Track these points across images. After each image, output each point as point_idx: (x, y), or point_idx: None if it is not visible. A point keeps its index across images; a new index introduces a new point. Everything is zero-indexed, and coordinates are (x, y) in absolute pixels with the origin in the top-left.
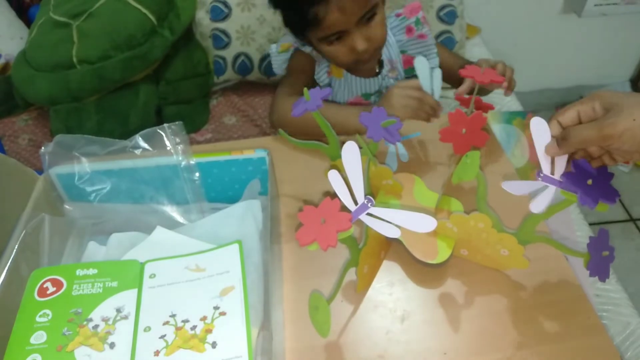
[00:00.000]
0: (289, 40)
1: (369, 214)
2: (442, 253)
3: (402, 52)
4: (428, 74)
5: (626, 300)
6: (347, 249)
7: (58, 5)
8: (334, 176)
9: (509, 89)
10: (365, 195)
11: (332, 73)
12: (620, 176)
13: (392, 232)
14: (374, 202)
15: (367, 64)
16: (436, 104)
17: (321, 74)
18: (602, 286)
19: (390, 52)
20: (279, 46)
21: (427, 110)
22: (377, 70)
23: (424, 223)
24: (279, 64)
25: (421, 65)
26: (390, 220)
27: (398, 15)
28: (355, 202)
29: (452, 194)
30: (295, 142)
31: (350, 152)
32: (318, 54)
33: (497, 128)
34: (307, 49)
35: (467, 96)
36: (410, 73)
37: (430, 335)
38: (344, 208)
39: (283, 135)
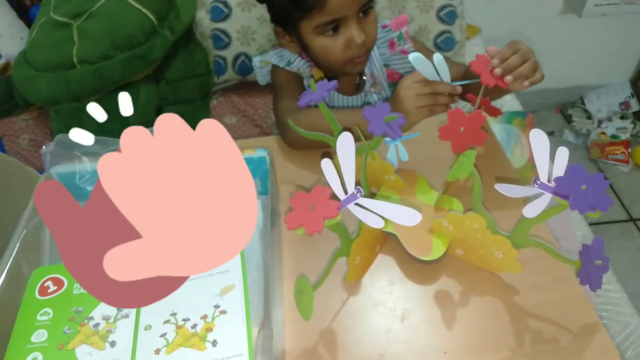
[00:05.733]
0: (269, 59)
1: (358, 204)
2: (435, 250)
3: (386, 65)
4: (429, 63)
5: (626, 300)
6: None
7: (58, 5)
8: (326, 165)
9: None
10: (357, 186)
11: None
12: (620, 176)
13: (376, 223)
14: (374, 195)
15: (356, 67)
16: (451, 87)
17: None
18: (602, 286)
19: (373, 65)
20: (262, 62)
21: (444, 100)
22: (358, 81)
23: (409, 216)
24: (263, 75)
25: (417, 58)
26: (377, 212)
27: (384, 27)
28: (347, 192)
29: (454, 193)
30: (302, 133)
31: (345, 143)
32: (305, 70)
33: (497, 128)
34: (294, 67)
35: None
36: (394, 87)
37: (430, 334)
38: (335, 197)
39: (292, 125)
